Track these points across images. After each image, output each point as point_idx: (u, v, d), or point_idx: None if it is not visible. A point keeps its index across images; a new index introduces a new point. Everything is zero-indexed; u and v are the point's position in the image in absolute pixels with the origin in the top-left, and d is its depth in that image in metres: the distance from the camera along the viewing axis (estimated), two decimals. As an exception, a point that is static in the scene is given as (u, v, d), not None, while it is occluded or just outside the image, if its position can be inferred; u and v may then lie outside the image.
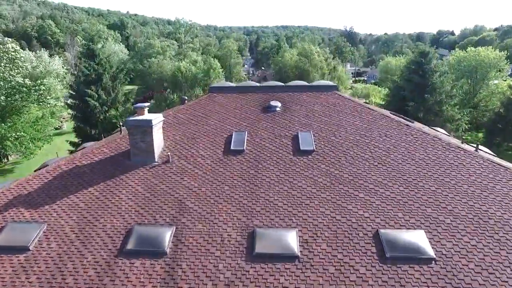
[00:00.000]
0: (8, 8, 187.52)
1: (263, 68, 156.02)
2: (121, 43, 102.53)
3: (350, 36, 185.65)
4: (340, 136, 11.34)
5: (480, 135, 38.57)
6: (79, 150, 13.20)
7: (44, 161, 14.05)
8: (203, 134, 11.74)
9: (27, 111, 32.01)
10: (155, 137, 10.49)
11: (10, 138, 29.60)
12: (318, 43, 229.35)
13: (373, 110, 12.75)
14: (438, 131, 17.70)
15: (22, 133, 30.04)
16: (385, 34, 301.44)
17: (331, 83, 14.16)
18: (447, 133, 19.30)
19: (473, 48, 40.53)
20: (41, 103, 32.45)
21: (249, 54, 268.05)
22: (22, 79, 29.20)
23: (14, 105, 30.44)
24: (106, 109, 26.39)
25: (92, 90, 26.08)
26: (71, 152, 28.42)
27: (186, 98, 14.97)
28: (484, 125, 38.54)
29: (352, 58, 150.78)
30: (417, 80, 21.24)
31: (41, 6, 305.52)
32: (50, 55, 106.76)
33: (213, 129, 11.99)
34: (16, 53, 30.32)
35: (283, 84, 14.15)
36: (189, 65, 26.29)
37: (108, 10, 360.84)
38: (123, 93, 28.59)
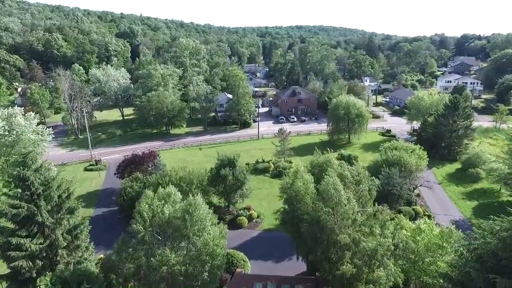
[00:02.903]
0: (16, 20, 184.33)
1: (274, 83, 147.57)
2: (123, 68, 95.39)
3: (368, 46, 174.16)
4: None
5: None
6: None
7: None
8: None
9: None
10: None
11: None
12: (335, 46, 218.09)
13: None
14: None
15: None
16: (404, 38, 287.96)
17: None
18: None
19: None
20: None
21: (262, 58, 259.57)
22: None
23: None
24: (41, 264, 18.36)
25: (22, 236, 18.12)
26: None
27: None
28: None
29: (372, 72, 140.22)
30: None
31: (55, 12, 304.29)
32: (47, 79, 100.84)
33: None
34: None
35: None
36: (162, 203, 18.05)
37: (121, 13, 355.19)
38: (72, 226, 20.30)
